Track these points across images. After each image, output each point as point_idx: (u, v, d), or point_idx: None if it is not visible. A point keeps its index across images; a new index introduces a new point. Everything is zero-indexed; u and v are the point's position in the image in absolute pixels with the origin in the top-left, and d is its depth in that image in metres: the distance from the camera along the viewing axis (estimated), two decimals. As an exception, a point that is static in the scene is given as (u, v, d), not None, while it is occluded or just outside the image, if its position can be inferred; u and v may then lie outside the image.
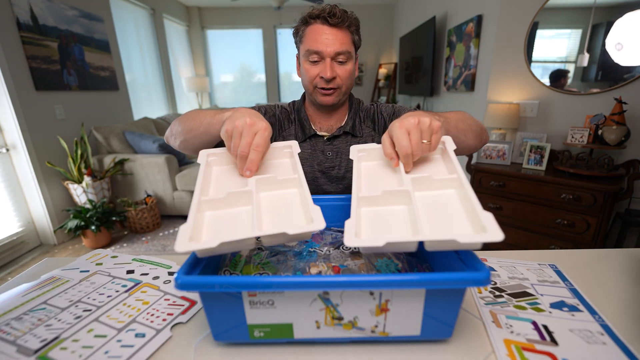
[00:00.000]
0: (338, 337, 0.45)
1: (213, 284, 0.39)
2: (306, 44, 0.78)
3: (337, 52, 0.77)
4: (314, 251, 0.56)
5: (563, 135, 1.88)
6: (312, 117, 0.90)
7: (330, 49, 0.76)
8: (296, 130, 0.90)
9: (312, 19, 0.77)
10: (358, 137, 0.89)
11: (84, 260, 0.70)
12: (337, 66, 0.78)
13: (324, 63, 0.77)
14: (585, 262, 0.68)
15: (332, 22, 0.75)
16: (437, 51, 2.99)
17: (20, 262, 2.08)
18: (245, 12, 4.91)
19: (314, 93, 0.82)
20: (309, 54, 0.78)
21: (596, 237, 1.57)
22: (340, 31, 0.77)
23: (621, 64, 1.64)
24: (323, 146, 0.88)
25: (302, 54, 0.81)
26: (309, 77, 0.80)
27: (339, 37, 0.76)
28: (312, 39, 0.77)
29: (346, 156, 0.88)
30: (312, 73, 0.79)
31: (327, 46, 0.76)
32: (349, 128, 0.87)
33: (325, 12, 0.75)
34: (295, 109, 0.92)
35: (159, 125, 3.32)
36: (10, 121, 2.04)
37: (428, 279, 0.39)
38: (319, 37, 0.76)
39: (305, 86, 0.84)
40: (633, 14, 1.57)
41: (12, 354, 0.44)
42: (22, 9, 2.07)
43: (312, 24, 0.77)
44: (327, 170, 0.88)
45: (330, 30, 0.76)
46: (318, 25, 0.77)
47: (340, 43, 0.76)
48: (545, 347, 0.45)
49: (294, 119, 0.91)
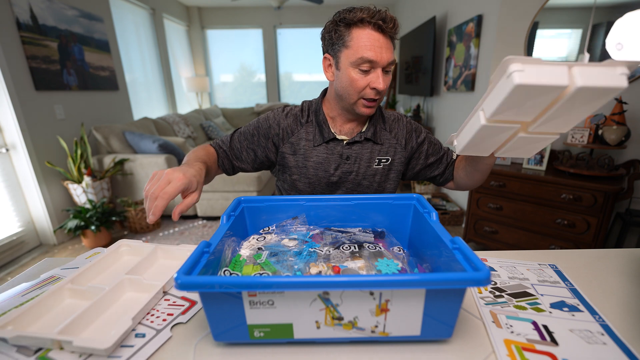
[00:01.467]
0: (338, 337, 0.45)
1: (213, 284, 0.39)
2: (357, 51, 0.70)
3: (389, 62, 0.72)
4: (314, 251, 0.56)
5: (563, 135, 1.88)
6: (333, 120, 0.86)
7: (385, 59, 0.71)
8: (314, 133, 0.85)
9: (362, 22, 0.70)
10: (379, 145, 0.86)
11: (84, 259, 0.70)
12: (384, 76, 0.73)
13: (375, 73, 0.72)
14: (585, 262, 0.68)
15: (387, 29, 0.69)
16: (437, 51, 2.99)
17: (20, 262, 2.08)
18: (245, 12, 4.91)
19: (357, 104, 0.77)
20: (361, 62, 0.71)
21: (596, 237, 1.57)
22: (388, 39, 0.72)
23: (621, 64, 1.64)
24: (342, 150, 0.85)
25: (348, 61, 0.72)
26: (357, 86, 0.73)
27: (389, 46, 0.71)
28: (364, 46, 0.69)
29: (365, 162, 0.86)
30: (361, 83, 0.73)
31: (382, 56, 0.70)
32: (370, 134, 0.85)
33: (379, 17, 0.69)
34: (312, 111, 0.87)
35: (159, 125, 3.31)
36: (10, 121, 2.04)
37: (428, 279, 0.39)
38: (373, 44, 0.69)
39: (349, 95, 0.76)
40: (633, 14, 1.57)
41: (12, 354, 0.44)
42: (22, 8, 2.07)
43: (362, 28, 0.70)
44: (344, 175, 0.86)
45: (382, 37, 0.70)
46: (370, 31, 0.69)
47: (391, 52, 0.72)
48: (545, 347, 0.45)
49: (311, 121, 0.86)
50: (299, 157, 0.86)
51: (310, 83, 5.40)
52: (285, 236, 0.62)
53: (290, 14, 4.88)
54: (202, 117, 4.37)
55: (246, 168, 0.90)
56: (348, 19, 0.71)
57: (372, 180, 0.87)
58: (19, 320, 0.47)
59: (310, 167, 0.85)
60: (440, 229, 0.52)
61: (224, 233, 0.53)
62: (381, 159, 0.86)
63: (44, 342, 0.44)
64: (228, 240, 0.55)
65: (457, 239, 0.48)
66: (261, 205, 0.68)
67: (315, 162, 0.85)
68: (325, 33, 0.77)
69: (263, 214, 0.68)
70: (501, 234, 1.89)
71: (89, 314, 0.49)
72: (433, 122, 3.29)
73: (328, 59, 0.79)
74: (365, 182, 0.87)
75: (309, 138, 0.85)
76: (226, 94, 5.44)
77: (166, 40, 4.15)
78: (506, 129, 0.50)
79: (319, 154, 0.85)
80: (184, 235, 2.43)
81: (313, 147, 0.85)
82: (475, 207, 1.97)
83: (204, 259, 0.45)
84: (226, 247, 0.54)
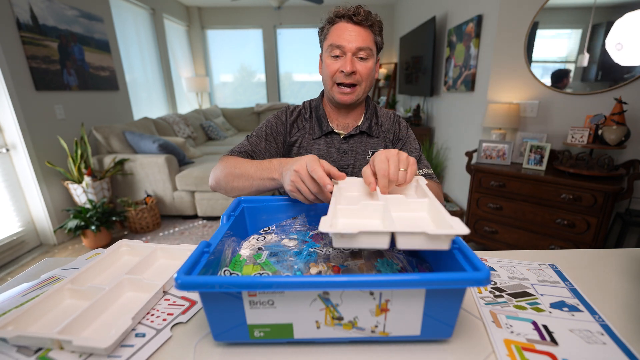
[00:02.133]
0: (338, 337, 0.45)
1: (213, 283, 0.39)
2: (329, 40, 0.81)
3: (358, 48, 0.79)
4: (314, 251, 0.56)
5: (563, 135, 1.88)
6: (330, 115, 0.92)
7: (352, 45, 0.78)
8: (312, 126, 0.91)
9: (338, 17, 0.80)
10: (374, 137, 0.90)
11: (84, 260, 0.70)
12: (358, 62, 0.80)
13: (345, 58, 0.79)
14: (585, 262, 0.68)
15: (356, 19, 0.78)
16: (437, 51, 2.99)
17: (20, 262, 2.08)
18: (245, 12, 4.91)
19: (333, 90, 0.84)
20: (332, 49, 0.80)
21: (596, 237, 1.57)
22: (363, 29, 0.79)
23: (621, 64, 1.64)
24: (339, 144, 0.90)
25: (324, 50, 0.83)
26: (330, 71, 0.82)
27: (361, 34, 0.79)
28: (335, 35, 0.80)
29: (361, 156, 0.89)
30: (332, 67, 0.81)
31: (349, 42, 0.78)
32: (366, 128, 0.89)
33: (351, 11, 0.79)
34: (313, 107, 0.94)
35: (159, 125, 3.31)
36: (10, 121, 2.04)
37: (428, 279, 0.39)
38: (342, 33, 0.79)
39: (325, 82, 0.86)
40: (633, 14, 1.57)
41: (12, 354, 0.44)
42: (22, 8, 2.07)
43: (337, 23, 0.80)
44: (342, 169, 0.88)
45: (354, 27, 0.79)
46: (342, 23, 0.80)
47: (362, 39, 0.79)
48: (545, 347, 0.45)
49: (311, 116, 0.93)
50: (302, 151, 0.90)
51: (310, 83, 5.39)
52: (285, 236, 0.62)
53: (290, 14, 4.88)
54: (202, 117, 4.37)
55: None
56: (330, 17, 0.82)
57: None
58: (19, 321, 0.47)
59: None
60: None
61: (224, 233, 0.53)
62: (374, 151, 0.90)
63: (44, 342, 0.44)
64: (228, 240, 0.55)
65: (457, 238, 0.47)
66: (261, 205, 0.68)
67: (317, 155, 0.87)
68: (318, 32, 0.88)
69: (263, 214, 0.68)
70: (501, 234, 1.89)
71: (89, 313, 0.49)
72: (433, 122, 3.29)
73: (320, 56, 0.90)
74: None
75: (311, 132, 0.91)
76: (226, 94, 5.44)
77: (166, 40, 4.15)
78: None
79: (319, 147, 0.89)
80: (184, 235, 2.43)
81: (313, 140, 0.90)
82: (475, 207, 1.97)
83: (204, 259, 0.45)
84: (226, 247, 0.54)
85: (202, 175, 2.55)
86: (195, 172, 2.56)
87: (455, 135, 2.73)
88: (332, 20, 0.82)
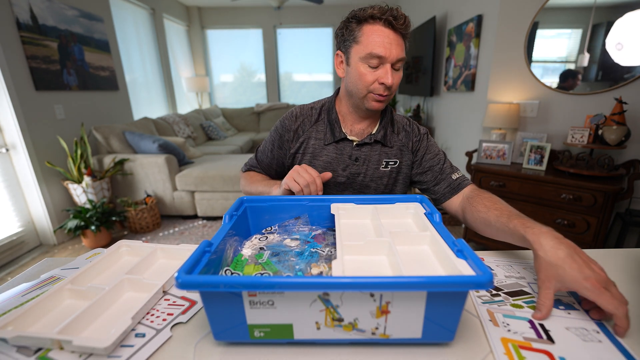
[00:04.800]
0: (338, 339, 0.45)
1: (213, 283, 0.39)
2: (367, 46, 0.72)
3: (398, 59, 0.73)
4: (316, 252, 0.56)
5: (563, 135, 1.88)
6: (344, 119, 0.87)
7: (394, 55, 0.72)
8: (325, 132, 0.86)
9: (373, 19, 0.71)
10: (388, 147, 0.86)
11: (84, 260, 0.70)
12: (394, 73, 0.74)
13: (384, 68, 0.73)
14: (585, 262, 0.68)
15: (398, 25, 0.71)
16: (437, 51, 2.99)
17: (20, 262, 2.08)
18: (245, 12, 4.91)
19: (366, 98, 0.78)
20: (370, 58, 0.72)
21: (596, 237, 1.57)
22: (400, 37, 0.73)
23: (621, 64, 1.64)
24: (351, 151, 0.85)
25: (358, 56, 0.74)
26: (366, 81, 0.75)
27: (400, 42, 0.73)
28: (374, 42, 0.71)
29: (373, 165, 0.86)
30: (369, 78, 0.74)
31: (391, 52, 0.71)
32: (380, 137, 0.85)
33: (391, 13, 0.70)
34: (326, 109, 0.88)
35: (159, 125, 3.31)
36: (10, 121, 2.04)
37: (429, 281, 0.39)
38: (383, 40, 0.71)
39: (357, 89, 0.78)
40: (633, 14, 1.57)
41: (12, 354, 0.44)
42: (22, 8, 2.07)
43: (372, 24, 0.72)
44: (352, 177, 0.86)
45: (394, 35, 0.72)
46: (380, 27, 0.71)
47: (401, 49, 0.73)
48: (542, 345, 0.45)
49: (322, 119, 0.87)
50: (307, 156, 0.87)
51: (310, 83, 5.39)
52: (288, 236, 0.62)
53: (290, 14, 4.88)
54: (202, 117, 4.37)
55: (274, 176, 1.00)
56: (359, 15, 0.73)
57: (379, 182, 0.87)
58: (19, 321, 0.47)
59: (319, 166, 0.86)
60: (443, 231, 0.52)
61: (226, 232, 0.53)
62: (389, 162, 0.86)
63: (44, 342, 0.44)
64: (230, 239, 0.55)
65: (460, 241, 0.47)
66: (264, 205, 0.68)
67: (324, 161, 0.85)
68: (338, 30, 0.79)
69: (266, 214, 0.68)
70: (501, 234, 1.89)
71: (88, 313, 0.49)
72: (433, 122, 3.29)
73: (340, 55, 0.81)
74: (373, 185, 0.87)
75: (319, 137, 0.86)
76: (226, 94, 5.44)
77: (166, 40, 4.15)
78: None
79: (328, 153, 0.85)
80: (184, 235, 2.43)
81: (323, 146, 0.86)
82: (475, 207, 1.96)
83: (205, 258, 0.45)
84: (228, 246, 0.54)
85: (202, 175, 2.55)
86: (195, 172, 2.56)
87: (455, 135, 2.73)
88: (363, 19, 0.72)
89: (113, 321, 0.50)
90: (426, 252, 0.53)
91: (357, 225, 0.63)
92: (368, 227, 0.63)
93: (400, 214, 0.65)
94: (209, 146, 3.90)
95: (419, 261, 0.51)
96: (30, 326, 0.49)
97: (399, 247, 0.53)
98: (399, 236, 0.54)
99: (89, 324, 0.49)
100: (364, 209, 0.66)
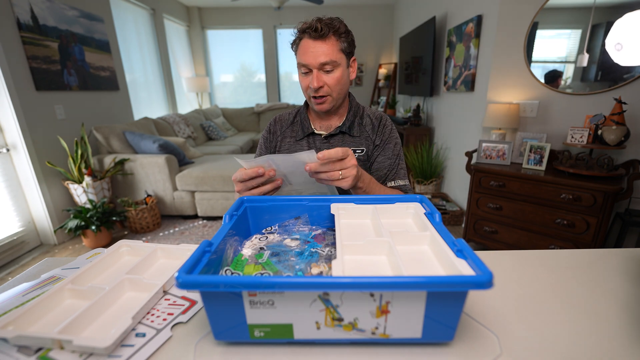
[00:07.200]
0: (338, 339, 0.45)
1: (214, 283, 0.39)
2: (297, 58, 0.86)
3: (321, 63, 0.82)
4: (316, 251, 0.56)
5: (563, 135, 1.88)
6: (313, 118, 0.97)
7: (315, 61, 0.82)
8: (296, 129, 0.97)
9: (301, 33, 0.84)
10: (354, 137, 0.93)
11: (84, 260, 0.70)
12: (325, 75, 0.84)
13: (312, 74, 0.84)
14: (585, 262, 0.68)
15: (314, 36, 0.81)
16: (437, 51, 2.99)
17: (20, 262, 2.08)
18: (245, 12, 4.91)
19: (310, 101, 0.90)
20: (300, 67, 0.86)
21: (596, 237, 1.57)
22: (325, 43, 0.82)
23: (621, 64, 1.64)
24: (320, 144, 0.94)
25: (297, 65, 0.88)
26: (303, 87, 0.89)
27: (323, 49, 0.82)
28: (300, 53, 0.84)
29: None
30: (304, 84, 0.87)
31: (313, 59, 0.82)
32: (346, 128, 0.93)
33: (310, 27, 0.81)
34: (299, 111, 0.99)
35: (159, 125, 3.31)
36: (10, 121, 2.04)
37: (429, 281, 0.39)
38: (306, 50, 0.83)
39: (303, 94, 0.91)
40: (633, 14, 1.57)
41: (13, 354, 0.45)
42: (23, 9, 2.08)
43: (302, 39, 0.84)
44: None
45: (315, 43, 0.82)
46: (305, 40, 0.83)
47: (324, 54, 0.82)
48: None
49: (297, 120, 0.98)
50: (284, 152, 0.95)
51: (310, 83, 5.39)
52: (288, 236, 0.62)
53: (290, 14, 4.88)
54: (202, 117, 4.37)
55: None
56: (297, 33, 0.86)
57: None
58: (20, 320, 0.48)
59: None
60: (443, 231, 0.52)
61: (226, 232, 0.54)
62: (356, 150, 0.92)
63: (45, 342, 0.44)
64: (230, 239, 0.55)
65: (460, 241, 0.47)
66: (264, 205, 0.68)
67: None
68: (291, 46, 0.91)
69: (266, 214, 0.68)
70: (501, 234, 1.89)
71: (89, 313, 0.49)
72: (433, 122, 3.29)
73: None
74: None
75: (293, 135, 0.97)
76: (226, 94, 5.44)
77: (166, 41, 4.15)
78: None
79: (302, 147, 0.94)
80: (184, 235, 2.43)
81: (296, 142, 0.95)
82: (475, 207, 1.97)
83: (205, 258, 0.45)
84: (228, 246, 0.54)
85: (202, 175, 2.55)
86: (195, 172, 2.56)
87: (455, 136, 2.73)
88: (298, 36, 0.85)
89: (113, 321, 0.50)
90: (426, 252, 0.53)
91: (357, 225, 0.63)
92: (368, 227, 0.63)
93: (400, 214, 0.65)
94: (209, 146, 3.90)
95: (419, 261, 0.51)
96: (31, 326, 0.49)
97: (398, 247, 0.53)
98: (398, 236, 0.54)
99: (90, 324, 0.49)
100: (364, 208, 0.66)
